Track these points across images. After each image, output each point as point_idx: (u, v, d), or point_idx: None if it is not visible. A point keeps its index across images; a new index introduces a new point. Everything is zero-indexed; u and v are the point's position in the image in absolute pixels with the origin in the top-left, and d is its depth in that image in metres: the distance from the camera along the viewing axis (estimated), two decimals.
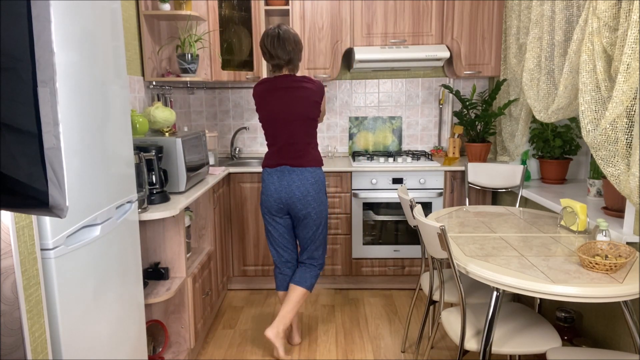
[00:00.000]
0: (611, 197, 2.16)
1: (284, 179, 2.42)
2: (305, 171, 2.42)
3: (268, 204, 2.48)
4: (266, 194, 2.48)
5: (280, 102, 2.38)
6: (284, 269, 2.61)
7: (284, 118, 2.39)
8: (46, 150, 0.68)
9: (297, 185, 2.41)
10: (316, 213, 2.48)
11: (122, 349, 1.72)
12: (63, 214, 0.73)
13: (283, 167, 2.42)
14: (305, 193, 2.42)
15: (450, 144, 3.56)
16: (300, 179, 2.41)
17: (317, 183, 2.44)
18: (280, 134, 2.41)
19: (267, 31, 2.39)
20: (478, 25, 3.28)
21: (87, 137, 1.47)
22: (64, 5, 1.33)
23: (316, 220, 2.50)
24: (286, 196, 2.43)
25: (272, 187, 2.45)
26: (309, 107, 2.40)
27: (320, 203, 2.48)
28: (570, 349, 1.71)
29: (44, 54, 0.67)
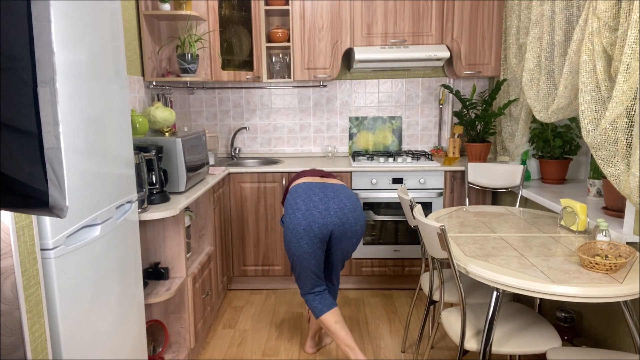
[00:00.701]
0: (611, 197, 2.16)
1: (330, 201, 2.16)
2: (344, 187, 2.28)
3: (313, 233, 2.13)
4: (309, 219, 2.13)
5: None
6: (321, 291, 2.31)
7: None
8: (46, 150, 0.68)
9: (349, 209, 2.19)
10: (362, 227, 2.29)
11: (122, 349, 1.72)
12: (63, 214, 0.73)
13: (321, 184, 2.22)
14: (357, 216, 2.23)
15: (450, 144, 3.56)
16: (347, 197, 2.21)
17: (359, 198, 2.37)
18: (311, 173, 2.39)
19: None
20: (478, 25, 3.28)
21: (87, 137, 1.47)
22: (64, 5, 1.33)
23: (360, 238, 2.31)
24: (338, 221, 2.15)
25: (316, 212, 2.13)
26: None
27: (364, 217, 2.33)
28: (570, 349, 1.71)
29: (44, 54, 0.67)
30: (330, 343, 2.69)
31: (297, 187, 2.28)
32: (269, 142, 3.88)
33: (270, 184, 3.28)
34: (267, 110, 3.83)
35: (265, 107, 3.83)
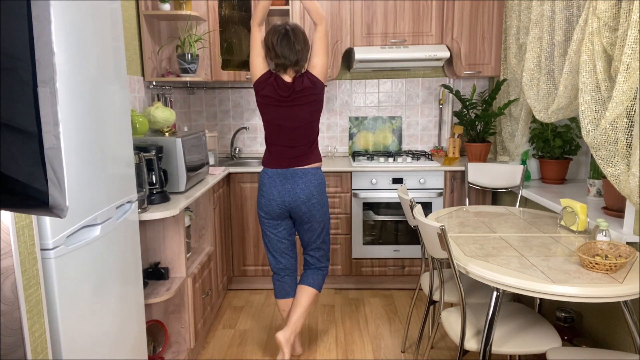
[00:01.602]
0: (611, 197, 2.16)
1: (287, 182, 2.36)
2: (309, 173, 2.37)
3: (269, 208, 2.40)
4: (267, 198, 2.39)
5: (284, 114, 2.31)
6: (283, 275, 2.52)
7: (287, 126, 2.33)
8: (46, 150, 0.68)
9: (301, 188, 2.36)
10: (320, 215, 2.44)
11: (122, 349, 1.72)
12: (63, 214, 0.73)
13: (285, 170, 2.36)
14: (309, 196, 2.37)
15: (450, 144, 3.56)
16: (304, 181, 2.36)
17: (320, 185, 2.41)
18: (282, 137, 2.36)
19: (275, 27, 2.27)
20: (478, 25, 3.28)
21: (87, 137, 1.47)
22: (64, 5, 1.33)
23: (320, 223, 2.46)
24: (290, 199, 2.36)
25: (275, 191, 2.36)
26: (314, 113, 2.35)
27: (324, 204, 2.45)
28: (570, 349, 1.71)
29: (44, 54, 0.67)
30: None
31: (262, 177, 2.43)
32: None
33: None
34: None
35: None
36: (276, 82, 2.30)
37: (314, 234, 2.47)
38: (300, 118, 2.32)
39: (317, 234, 2.48)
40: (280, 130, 2.35)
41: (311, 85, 2.31)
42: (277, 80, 2.30)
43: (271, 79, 2.31)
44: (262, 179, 2.42)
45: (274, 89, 2.29)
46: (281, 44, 2.23)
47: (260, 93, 2.33)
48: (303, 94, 2.30)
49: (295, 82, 2.29)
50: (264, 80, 2.31)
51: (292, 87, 2.29)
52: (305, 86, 2.29)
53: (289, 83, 2.29)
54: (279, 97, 2.30)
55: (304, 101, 2.31)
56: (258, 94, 2.35)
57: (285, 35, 2.24)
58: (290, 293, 2.52)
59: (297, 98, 2.30)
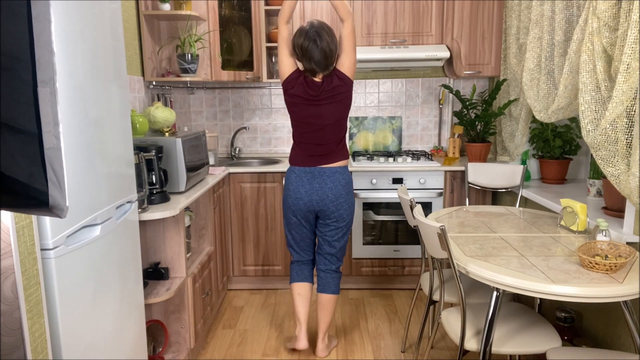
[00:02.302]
0: (611, 197, 2.16)
1: (315, 181, 2.36)
2: (337, 172, 2.36)
3: (296, 207, 2.40)
4: (295, 197, 2.39)
5: (313, 112, 2.30)
6: (303, 265, 2.58)
7: (316, 123, 2.32)
8: (46, 150, 0.68)
9: (330, 188, 2.35)
10: (347, 214, 2.44)
11: (122, 349, 1.72)
12: (63, 214, 0.73)
13: (313, 168, 2.35)
14: (337, 195, 2.37)
15: (450, 144, 3.56)
16: (332, 180, 2.35)
17: (348, 184, 2.41)
18: (310, 135, 2.34)
19: (302, 31, 2.24)
20: (478, 25, 3.28)
21: (87, 137, 1.47)
22: (64, 5, 1.33)
23: (346, 222, 2.46)
24: (318, 199, 2.36)
25: (303, 190, 2.36)
26: (343, 110, 2.35)
27: (351, 204, 2.45)
28: (570, 349, 1.71)
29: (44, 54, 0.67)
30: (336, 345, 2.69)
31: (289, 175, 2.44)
32: (269, 142, 3.88)
33: (270, 184, 3.28)
34: (267, 110, 3.84)
35: (265, 107, 3.83)
36: (305, 82, 2.29)
37: (338, 233, 2.47)
38: (329, 116, 2.32)
39: (342, 233, 2.48)
40: (309, 128, 2.34)
41: (341, 84, 2.30)
42: (307, 80, 2.29)
43: (300, 79, 2.30)
44: (289, 178, 2.42)
45: (304, 89, 2.29)
46: (310, 48, 2.21)
47: (290, 92, 2.32)
48: (332, 93, 2.29)
49: (324, 81, 2.28)
50: (293, 79, 2.31)
51: (321, 87, 2.28)
52: (335, 85, 2.29)
53: (319, 82, 2.28)
54: (309, 96, 2.29)
55: (333, 100, 2.30)
56: (287, 93, 2.34)
57: (313, 40, 2.21)
58: (308, 278, 2.57)
59: (325, 97, 2.29)
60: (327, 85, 2.28)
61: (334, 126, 2.34)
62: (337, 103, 2.31)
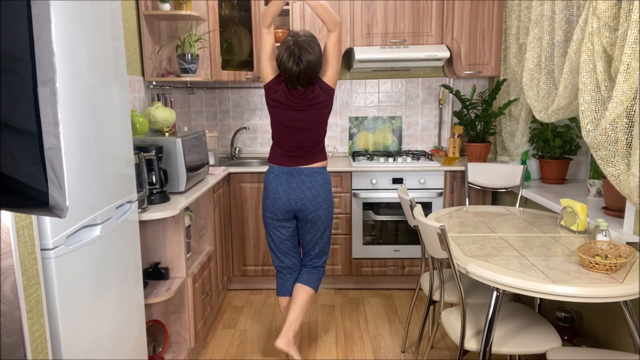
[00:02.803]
0: (611, 197, 2.16)
1: (293, 180, 2.35)
2: (315, 172, 2.37)
3: (274, 208, 2.39)
4: (273, 198, 2.38)
5: (294, 116, 2.30)
6: (285, 274, 2.53)
7: (296, 127, 2.32)
8: (46, 150, 0.68)
9: (307, 187, 2.36)
10: (326, 215, 2.44)
11: (122, 349, 1.72)
12: (63, 214, 0.73)
13: (291, 168, 2.35)
14: (316, 194, 2.37)
15: (450, 144, 3.56)
16: (310, 180, 2.36)
17: (326, 184, 2.41)
18: (289, 137, 2.35)
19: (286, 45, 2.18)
20: (478, 25, 3.28)
21: (87, 137, 1.47)
22: (64, 5, 1.33)
23: (324, 222, 2.46)
24: (296, 198, 2.36)
25: (281, 190, 2.36)
26: (324, 115, 2.35)
27: (330, 204, 2.45)
28: (570, 349, 1.71)
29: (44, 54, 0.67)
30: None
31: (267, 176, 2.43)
32: (269, 142, 3.88)
33: None
34: (267, 110, 3.83)
35: (265, 107, 3.83)
36: (288, 90, 2.28)
37: (316, 234, 2.47)
38: (309, 121, 2.32)
39: (320, 234, 2.48)
40: (289, 131, 2.34)
41: (321, 93, 2.30)
42: (289, 87, 2.29)
43: (282, 85, 2.29)
44: (267, 178, 2.42)
45: (285, 95, 2.29)
46: (292, 66, 2.17)
47: (271, 96, 2.33)
48: (314, 102, 2.30)
49: (306, 90, 2.28)
50: (275, 84, 2.31)
51: (303, 95, 2.28)
52: (316, 94, 2.29)
53: (301, 91, 2.28)
54: (290, 103, 2.29)
55: (313, 106, 2.31)
56: (268, 96, 2.34)
57: (297, 57, 2.15)
58: (291, 291, 2.53)
59: (307, 104, 2.30)
60: (309, 94, 2.29)
61: (314, 130, 2.35)
62: (318, 109, 2.32)
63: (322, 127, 2.38)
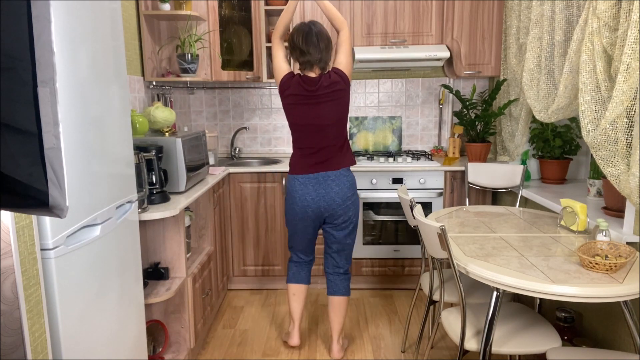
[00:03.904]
0: (611, 197, 2.16)
1: (321, 187, 2.33)
2: (341, 175, 2.35)
3: (304, 215, 2.38)
4: (302, 205, 2.36)
5: (311, 112, 2.28)
6: (302, 265, 2.59)
7: (315, 124, 2.30)
8: (46, 150, 0.68)
9: (336, 192, 2.34)
10: (355, 215, 2.45)
11: (122, 349, 1.72)
12: (63, 214, 0.73)
13: (317, 174, 2.33)
14: (344, 198, 2.36)
15: (450, 144, 3.56)
16: (337, 184, 2.34)
17: (352, 185, 2.40)
18: (310, 138, 2.32)
19: (299, 27, 2.28)
20: (478, 25, 3.28)
21: (87, 137, 1.47)
22: (64, 5, 1.33)
23: (354, 222, 2.46)
24: (326, 204, 2.35)
25: (309, 198, 2.34)
26: (343, 109, 2.33)
27: (357, 204, 2.46)
28: (570, 349, 1.71)
29: (44, 54, 0.67)
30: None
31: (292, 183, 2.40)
32: (269, 142, 3.88)
33: (270, 184, 3.28)
34: (267, 110, 3.84)
35: (265, 107, 3.83)
36: (301, 79, 2.29)
37: (345, 233, 2.47)
38: (328, 116, 2.30)
39: (349, 233, 2.48)
40: (309, 130, 2.31)
41: (339, 80, 2.30)
42: (303, 77, 2.29)
43: (296, 78, 2.30)
44: (292, 186, 2.38)
45: (300, 85, 2.28)
46: (306, 42, 2.24)
47: (286, 93, 2.31)
48: (330, 89, 2.28)
49: (321, 77, 2.29)
50: (288, 79, 2.31)
51: (319, 82, 2.27)
52: (333, 80, 2.29)
53: (315, 78, 2.28)
54: (306, 93, 2.27)
55: (331, 97, 2.29)
56: (283, 95, 2.33)
57: (309, 33, 2.25)
58: (305, 280, 2.60)
59: (324, 94, 2.28)
60: (325, 81, 2.28)
61: (334, 127, 2.32)
62: (335, 102, 2.30)
63: (342, 125, 2.36)
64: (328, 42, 2.29)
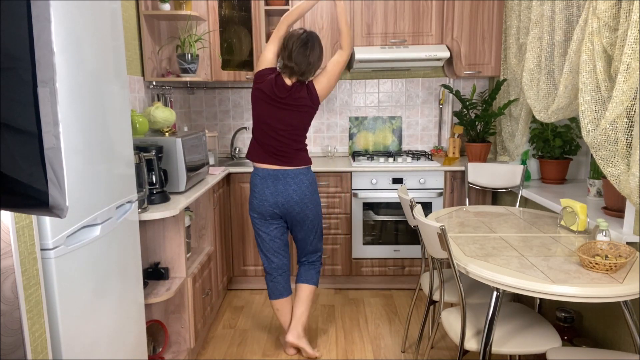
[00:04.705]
0: (611, 197, 2.16)
1: (279, 183, 2.37)
2: (300, 173, 2.39)
3: (262, 209, 2.41)
4: (260, 199, 2.40)
5: (274, 114, 2.32)
6: (275, 275, 2.53)
7: (275, 127, 2.34)
8: (46, 150, 0.68)
9: (294, 189, 2.38)
10: (314, 215, 2.47)
11: (122, 349, 1.72)
12: (63, 214, 0.73)
13: (277, 170, 2.37)
14: (302, 196, 2.40)
15: (450, 144, 3.56)
16: (296, 182, 2.38)
17: (312, 185, 2.43)
18: (269, 137, 2.36)
19: (299, 33, 2.28)
20: (478, 25, 3.28)
21: (87, 137, 1.47)
22: (64, 5, 1.33)
23: (313, 221, 2.49)
24: (283, 200, 2.38)
25: (268, 192, 2.38)
26: (304, 120, 2.37)
27: (317, 204, 2.48)
28: (570, 349, 1.71)
29: (44, 54, 0.67)
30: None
31: (254, 178, 2.43)
32: None
33: None
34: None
35: None
36: (275, 81, 2.31)
37: (307, 233, 2.51)
38: (288, 123, 2.34)
39: (312, 233, 2.52)
40: (268, 130, 2.35)
41: (307, 97, 2.32)
42: (277, 80, 2.31)
43: (272, 76, 2.32)
44: (253, 180, 2.44)
45: (271, 87, 2.30)
46: (298, 51, 2.24)
47: (257, 85, 2.34)
48: (297, 103, 2.32)
49: (294, 87, 2.31)
50: (265, 74, 2.33)
51: (289, 90, 2.30)
52: (302, 96, 2.32)
53: (288, 86, 2.30)
54: (273, 96, 2.31)
55: (295, 108, 2.33)
56: (255, 86, 2.36)
57: (305, 45, 2.25)
58: (284, 293, 2.55)
59: (289, 104, 2.31)
60: (295, 93, 2.31)
61: (293, 133, 2.36)
62: (298, 112, 2.34)
63: (301, 133, 2.39)
64: (317, 61, 2.31)
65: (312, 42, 2.28)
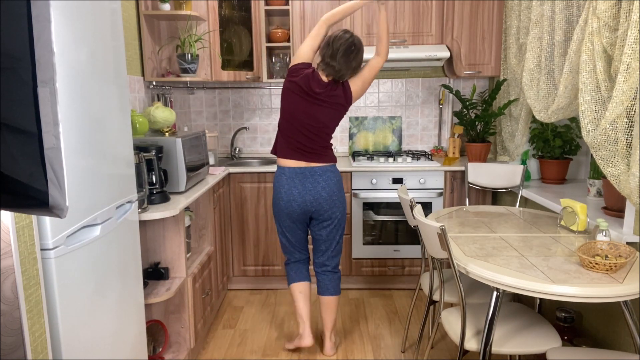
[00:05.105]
0: (611, 197, 2.16)
1: (307, 181, 2.33)
2: (328, 170, 2.36)
3: (290, 210, 2.37)
4: (287, 199, 2.36)
5: (306, 109, 2.29)
6: (299, 265, 2.56)
7: (304, 122, 2.31)
8: (46, 150, 0.68)
9: (322, 186, 2.34)
10: (341, 213, 2.44)
11: (122, 349, 1.72)
12: (63, 214, 0.73)
13: (303, 168, 2.34)
14: (331, 193, 2.36)
15: (450, 144, 3.56)
16: (324, 179, 2.35)
17: (339, 182, 2.41)
18: (297, 132, 2.33)
19: (346, 36, 2.25)
20: (478, 25, 3.28)
21: (87, 137, 1.47)
22: (64, 5, 1.33)
23: (341, 220, 2.46)
24: (311, 198, 2.34)
25: (295, 191, 2.34)
26: (335, 117, 2.36)
27: (344, 202, 2.45)
28: (570, 349, 1.71)
29: (44, 54, 0.67)
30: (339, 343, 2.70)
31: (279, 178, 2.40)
32: (269, 142, 3.88)
33: (270, 184, 3.28)
34: (267, 110, 3.84)
35: (265, 107, 3.83)
36: (313, 76, 2.29)
37: (334, 233, 2.47)
38: (319, 119, 2.32)
39: (337, 231, 2.48)
40: (298, 125, 2.32)
41: (342, 95, 2.32)
42: (315, 75, 2.29)
43: (308, 71, 2.30)
44: (279, 181, 2.39)
45: (307, 81, 2.27)
46: (343, 52, 2.23)
47: (292, 79, 2.30)
48: (332, 100, 2.30)
49: (329, 84, 2.29)
50: (301, 68, 2.31)
51: (325, 87, 2.28)
52: (337, 94, 2.31)
53: (324, 82, 2.29)
54: (309, 90, 2.28)
55: (329, 105, 2.31)
56: (289, 79, 2.32)
57: (349, 48, 2.24)
58: (307, 277, 2.57)
59: (324, 100, 2.30)
60: (331, 90, 2.29)
61: (322, 130, 2.34)
62: (331, 109, 2.32)
63: (329, 132, 2.38)
64: (357, 66, 2.31)
65: (358, 47, 2.27)
